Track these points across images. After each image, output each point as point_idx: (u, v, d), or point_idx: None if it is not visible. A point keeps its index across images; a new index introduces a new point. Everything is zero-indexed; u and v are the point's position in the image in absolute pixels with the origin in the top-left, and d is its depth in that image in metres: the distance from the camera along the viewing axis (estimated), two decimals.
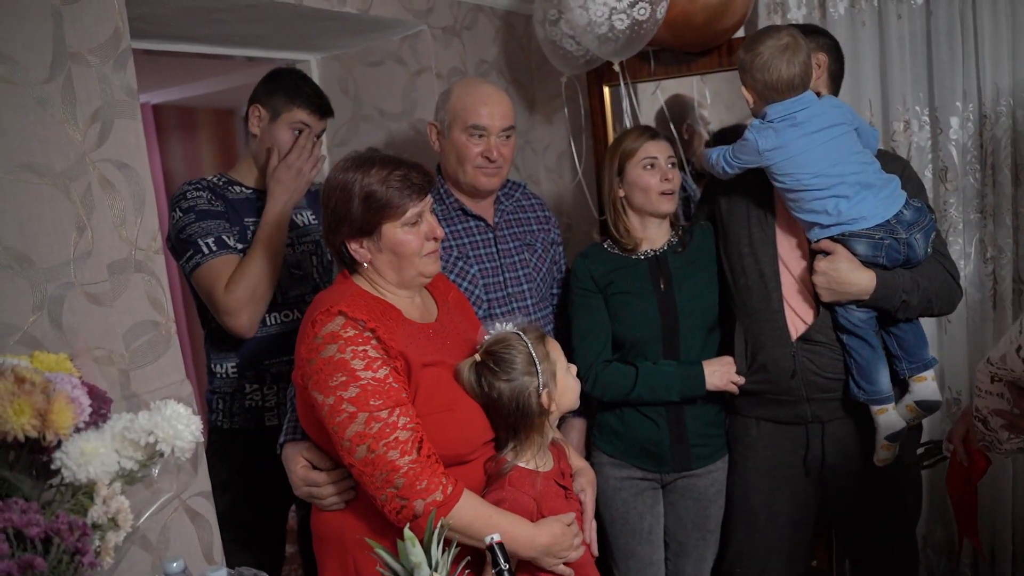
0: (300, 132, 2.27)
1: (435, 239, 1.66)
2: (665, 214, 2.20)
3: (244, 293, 2.04)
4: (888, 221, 1.95)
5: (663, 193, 2.16)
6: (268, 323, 2.25)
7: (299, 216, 2.37)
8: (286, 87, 2.27)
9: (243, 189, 2.28)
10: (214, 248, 2.09)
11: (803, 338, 2.07)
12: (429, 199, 1.65)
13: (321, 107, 2.31)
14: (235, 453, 2.24)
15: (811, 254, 2.05)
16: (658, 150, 2.17)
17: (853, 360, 2.02)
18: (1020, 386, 1.46)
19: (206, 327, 2.29)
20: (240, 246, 2.15)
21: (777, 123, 1.97)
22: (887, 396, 2.02)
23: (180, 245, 2.11)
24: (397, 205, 1.59)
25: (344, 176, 1.60)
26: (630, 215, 2.23)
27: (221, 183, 2.26)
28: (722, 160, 2.06)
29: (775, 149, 1.97)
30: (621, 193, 2.21)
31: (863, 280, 1.95)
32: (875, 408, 2.03)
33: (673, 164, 2.19)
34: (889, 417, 2.02)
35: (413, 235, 1.62)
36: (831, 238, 1.98)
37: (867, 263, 1.97)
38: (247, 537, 2.21)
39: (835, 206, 1.95)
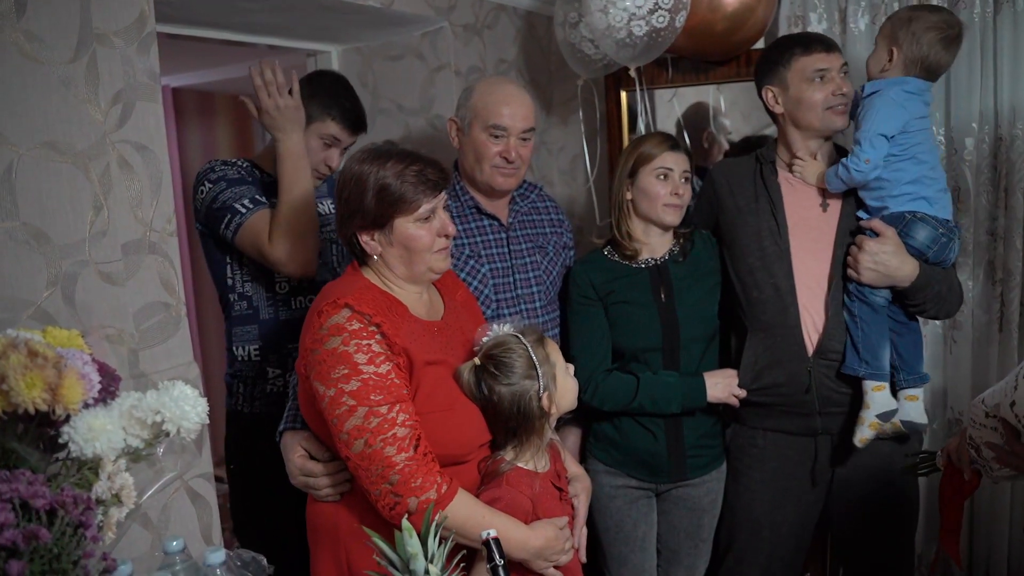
0: (329, 145, 2.28)
1: (446, 236, 1.66)
2: (668, 225, 2.19)
3: (287, 236, 2.04)
4: (948, 221, 2.02)
5: (669, 205, 2.15)
6: (293, 306, 2.27)
7: (321, 205, 2.38)
8: (324, 94, 2.26)
9: (267, 175, 2.30)
10: (250, 206, 2.10)
11: (819, 351, 2.08)
12: (443, 196, 1.65)
13: (356, 123, 2.30)
14: (256, 440, 2.22)
15: (852, 234, 2.06)
16: (675, 162, 2.15)
17: (861, 331, 2.03)
18: (1013, 427, 1.47)
19: (228, 310, 2.30)
20: (268, 201, 2.15)
21: (913, 95, 2.00)
22: (886, 373, 2.04)
23: (216, 214, 2.11)
24: (410, 200, 1.59)
25: (360, 168, 1.61)
26: (634, 220, 2.22)
27: (245, 166, 2.27)
28: (853, 161, 2.00)
29: (920, 119, 2.01)
30: (629, 196, 2.20)
31: (908, 266, 1.99)
32: (873, 384, 2.03)
33: (687, 179, 2.17)
34: (885, 395, 2.03)
35: (425, 230, 1.62)
36: (888, 222, 2.01)
37: (914, 252, 2.00)
38: (268, 525, 2.22)
39: (933, 193, 2.02)
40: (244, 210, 2.09)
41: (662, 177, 2.15)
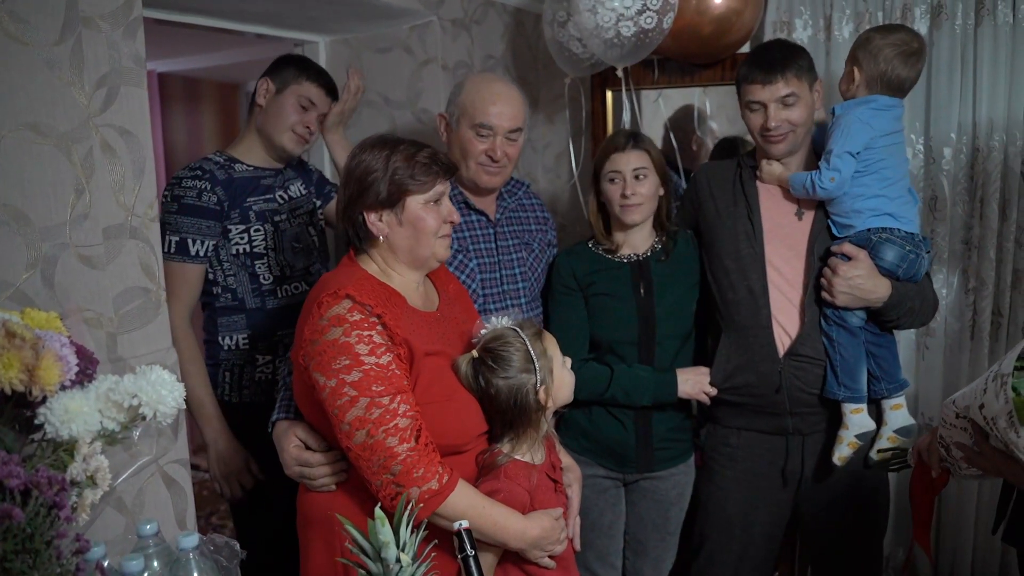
0: (306, 109, 2.31)
1: (451, 223, 1.70)
2: (629, 224, 2.21)
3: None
4: (914, 236, 2.05)
5: (624, 206, 2.17)
6: (279, 295, 2.30)
7: (291, 187, 2.39)
8: (297, 63, 2.35)
9: (245, 167, 2.30)
10: (172, 250, 2.14)
11: (790, 353, 2.11)
12: (448, 184, 1.69)
13: (330, 85, 2.36)
14: (248, 430, 2.22)
15: (825, 257, 2.09)
16: (624, 163, 2.16)
17: (839, 356, 2.06)
18: (982, 429, 1.50)
19: (211, 300, 2.30)
20: (204, 249, 2.18)
21: (881, 112, 2.05)
22: (864, 395, 2.08)
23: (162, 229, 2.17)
24: (423, 179, 1.62)
25: (371, 151, 1.64)
26: (612, 219, 2.26)
27: (223, 160, 2.28)
28: (819, 177, 2.04)
29: (887, 135, 2.05)
30: (602, 198, 2.24)
31: (882, 288, 2.02)
32: (852, 407, 2.07)
33: (641, 176, 2.16)
34: (863, 417, 2.07)
35: (434, 213, 1.66)
36: (856, 244, 2.04)
37: (885, 272, 2.03)
38: (263, 514, 2.22)
39: (897, 207, 2.05)
40: (167, 248, 2.14)
41: (613, 181, 2.19)
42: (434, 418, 1.58)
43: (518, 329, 1.69)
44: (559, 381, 1.71)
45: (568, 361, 1.77)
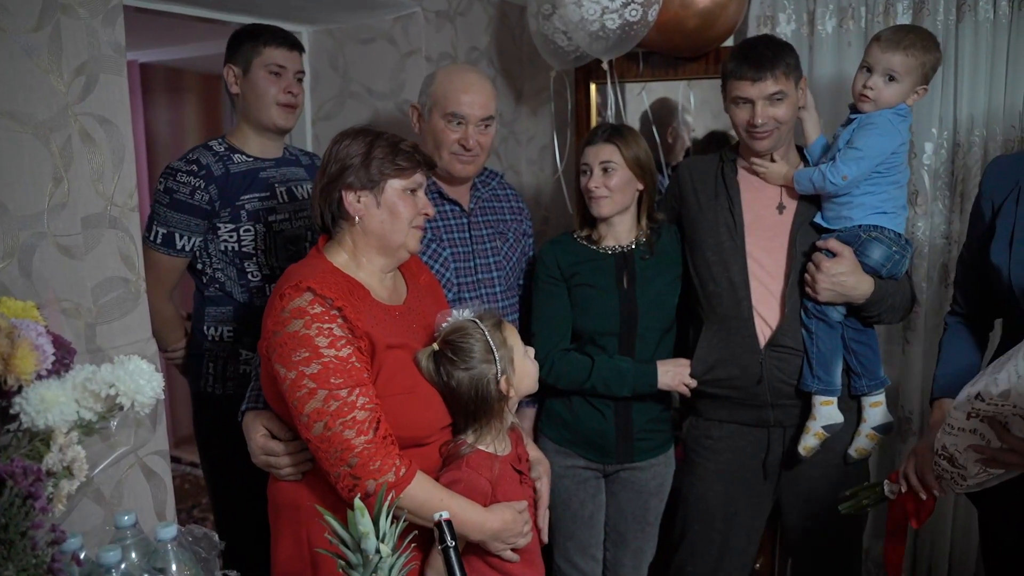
0: (278, 75, 2.27)
1: (425, 215, 1.71)
2: (598, 217, 2.22)
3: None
4: (901, 236, 2.07)
5: (591, 198, 2.19)
6: (268, 293, 2.28)
7: (298, 188, 2.37)
8: (247, 36, 2.29)
9: (244, 158, 2.29)
10: (159, 240, 2.16)
11: (771, 344, 2.13)
12: (426, 178, 1.72)
13: (289, 39, 2.31)
14: (232, 423, 2.22)
15: (809, 252, 2.10)
16: (593, 155, 2.18)
17: (816, 348, 2.08)
18: (1000, 421, 1.46)
19: (200, 290, 2.30)
20: (191, 244, 2.20)
21: (906, 118, 2.05)
22: (837, 388, 2.10)
23: (149, 217, 2.20)
24: (405, 166, 1.65)
25: (355, 136, 1.66)
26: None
27: (223, 150, 2.27)
28: (831, 171, 2.02)
29: (903, 142, 2.06)
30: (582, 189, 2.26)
31: (864, 285, 2.04)
32: (822, 399, 2.09)
33: (608, 169, 2.17)
34: (832, 409, 2.09)
35: (410, 202, 1.68)
36: (845, 240, 2.05)
37: (868, 270, 2.05)
38: (248, 507, 2.21)
39: (894, 208, 2.07)
40: (153, 237, 2.17)
41: (584, 173, 2.20)
42: (396, 411, 1.59)
43: (477, 320, 1.69)
44: (521, 371, 1.71)
45: (531, 351, 1.77)
